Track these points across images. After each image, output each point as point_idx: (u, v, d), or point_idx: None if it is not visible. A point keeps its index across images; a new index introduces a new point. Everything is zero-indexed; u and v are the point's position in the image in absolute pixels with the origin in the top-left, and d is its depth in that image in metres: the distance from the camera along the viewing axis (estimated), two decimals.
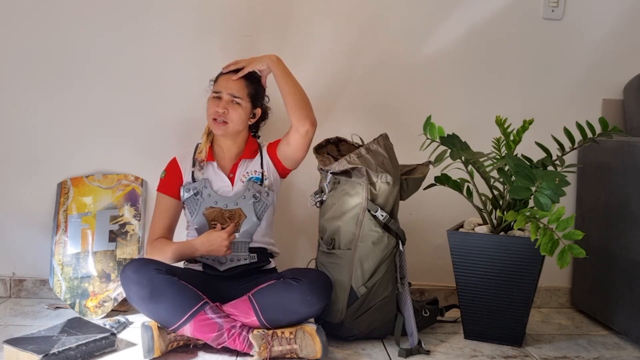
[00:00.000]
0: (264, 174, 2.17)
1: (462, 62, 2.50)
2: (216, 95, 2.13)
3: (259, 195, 2.13)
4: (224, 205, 2.12)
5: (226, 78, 2.14)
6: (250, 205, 2.12)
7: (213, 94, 2.15)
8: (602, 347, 2.13)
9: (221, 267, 2.11)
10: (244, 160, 2.18)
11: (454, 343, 2.13)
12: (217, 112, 2.11)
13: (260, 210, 2.14)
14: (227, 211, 2.12)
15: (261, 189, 2.14)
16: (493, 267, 2.09)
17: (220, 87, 2.14)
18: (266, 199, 2.15)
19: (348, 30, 2.47)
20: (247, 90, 2.14)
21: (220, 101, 2.12)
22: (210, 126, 2.15)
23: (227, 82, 2.13)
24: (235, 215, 2.12)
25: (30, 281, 2.49)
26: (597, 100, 2.54)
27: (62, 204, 2.43)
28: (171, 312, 1.90)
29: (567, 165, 2.11)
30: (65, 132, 2.46)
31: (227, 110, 2.10)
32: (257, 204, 2.13)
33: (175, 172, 2.18)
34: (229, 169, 2.18)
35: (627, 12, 2.52)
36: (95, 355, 1.92)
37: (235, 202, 2.12)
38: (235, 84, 2.13)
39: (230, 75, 2.14)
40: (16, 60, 2.44)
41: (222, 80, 2.15)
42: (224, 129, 2.11)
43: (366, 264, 2.03)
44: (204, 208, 2.12)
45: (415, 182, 2.14)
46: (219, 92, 2.13)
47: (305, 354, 1.92)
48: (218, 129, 2.12)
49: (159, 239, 2.14)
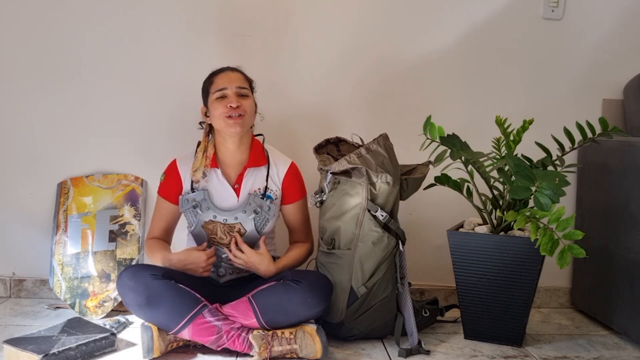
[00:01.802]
0: (274, 193, 2.13)
1: (462, 62, 2.50)
2: (220, 93, 2.05)
3: (259, 210, 2.09)
4: (223, 219, 2.08)
5: (226, 74, 2.08)
6: (251, 220, 2.08)
7: (216, 94, 2.05)
8: (602, 347, 2.13)
9: (221, 279, 2.10)
10: (250, 169, 2.11)
11: (454, 343, 2.13)
12: (230, 107, 2.02)
13: (260, 224, 2.10)
14: (226, 225, 2.09)
15: (263, 203, 2.09)
16: (493, 267, 2.08)
17: (223, 84, 2.06)
18: (267, 212, 2.10)
19: (348, 30, 2.47)
20: (248, 81, 2.11)
21: (227, 98, 2.04)
22: (224, 127, 2.04)
23: (228, 76, 2.07)
24: (234, 229, 2.08)
25: (30, 281, 2.49)
26: (597, 100, 2.54)
27: (62, 204, 2.43)
28: (169, 317, 1.89)
29: (567, 165, 2.12)
30: (65, 132, 2.46)
31: (240, 103, 2.03)
32: (257, 218, 2.09)
33: (174, 177, 2.14)
34: (234, 179, 2.12)
35: (627, 12, 2.52)
36: (95, 355, 1.92)
37: (235, 216, 2.08)
38: (236, 76, 2.08)
39: (228, 71, 2.10)
40: (16, 60, 2.44)
41: (222, 77, 2.08)
42: (241, 123, 2.02)
43: (366, 264, 2.03)
44: (203, 221, 2.09)
45: (415, 182, 2.14)
46: (223, 88, 2.05)
47: (306, 354, 1.92)
48: (235, 125, 2.02)
49: (155, 239, 2.15)
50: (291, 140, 2.44)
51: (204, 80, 2.13)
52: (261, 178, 2.13)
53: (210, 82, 2.09)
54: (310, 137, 2.36)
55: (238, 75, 2.10)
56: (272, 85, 2.43)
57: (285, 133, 2.45)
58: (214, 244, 2.09)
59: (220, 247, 2.09)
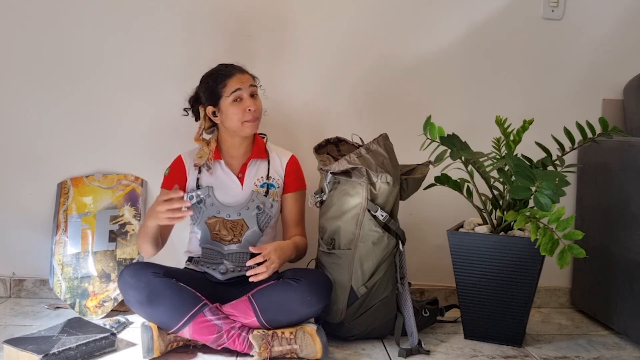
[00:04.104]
0: (276, 181, 2.15)
1: (462, 62, 2.50)
2: (235, 95, 2.05)
3: (262, 206, 2.11)
4: (227, 215, 2.09)
5: (238, 77, 2.07)
6: (253, 217, 2.10)
7: (231, 96, 2.05)
8: (602, 347, 2.13)
9: (222, 277, 2.09)
10: (253, 160, 2.15)
11: (454, 343, 2.13)
12: (249, 112, 2.05)
13: (263, 222, 2.11)
14: (229, 221, 2.10)
15: (265, 201, 2.11)
16: (493, 267, 2.09)
17: (237, 85, 2.06)
18: (270, 210, 2.12)
19: (348, 30, 2.47)
20: (254, 78, 2.13)
21: (243, 101, 2.06)
22: (239, 129, 2.06)
23: (240, 78, 2.07)
24: (237, 225, 2.10)
25: (30, 281, 2.49)
26: (597, 100, 2.54)
27: (62, 204, 2.43)
28: (169, 315, 1.89)
29: (567, 165, 2.12)
30: (66, 132, 2.46)
31: (256, 106, 2.08)
32: (260, 215, 2.11)
33: (179, 170, 2.16)
34: (238, 169, 2.15)
35: (627, 12, 2.52)
36: (95, 355, 1.92)
37: (238, 212, 2.09)
38: (246, 76, 2.09)
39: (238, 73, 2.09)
40: (16, 60, 2.44)
41: (235, 79, 2.07)
42: (257, 125, 2.10)
43: (366, 264, 2.03)
44: (206, 217, 2.10)
45: (415, 182, 2.14)
46: (238, 89, 2.06)
47: (306, 354, 1.92)
48: (252, 127, 2.07)
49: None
50: (291, 140, 2.44)
51: (208, 80, 2.12)
52: (264, 168, 2.17)
53: (224, 84, 2.07)
54: (309, 137, 2.37)
55: (247, 75, 2.12)
56: (272, 85, 2.42)
57: (284, 133, 2.45)
58: (217, 241, 2.10)
59: (224, 243, 2.09)
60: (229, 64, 2.14)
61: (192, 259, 2.16)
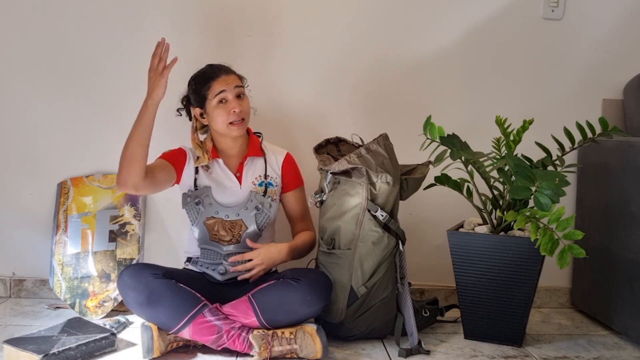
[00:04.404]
0: (274, 180, 2.16)
1: (462, 62, 2.50)
2: (220, 97, 2.05)
3: (261, 206, 2.11)
4: (225, 215, 2.09)
5: (223, 78, 2.06)
6: (252, 217, 2.10)
7: (215, 98, 2.04)
8: (602, 347, 2.13)
9: (222, 277, 2.09)
10: (250, 158, 2.16)
11: (454, 343, 2.13)
12: (233, 113, 2.04)
13: (262, 222, 2.11)
14: (227, 222, 2.10)
15: (264, 201, 2.11)
16: (493, 267, 2.09)
17: (221, 86, 2.05)
18: (268, 210, 2.12)
19: (348, 30, 2.47)
20: (241, 79, 2.12)
21: (228, 103, 2.05)
22: (226, 131, 2.06)
23: (226, 80, 2.06)
24: (235, 226, 2.10)
25: (30, 281, 2.49)
26: (597, 100, 2.54)
27: (62, 204, 2.43)
28: (169, 316, 1.89)
29: (567, 165, 2.12)
30: (65, 132, 2.46)
31: (241, 107, 2.06)
32: (259, 215, 2.11)
33: (181, 153, 2.14)
34: (236, 167, 2.15)
35: (627, 12, 2.52)
36: (95, 355, 1.92)
37: (237, 213, 2.09)
38: (232, 77, 2.08)
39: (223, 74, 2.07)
40: (16, 60, 2.44)
41: (220, 81, 2.06)
42: (244, 126, 2.09)
43: (366, 264, 2.03)
44: (205, 217, 2.10)
45: (415, 182, 2.14)
46: (223, 91, 2.05)
47: (306, 354, 1.92)
48: (238, 129, 2.06)
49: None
50: (290, 140, 2.44)
51: (195, 81, 2.11)
52: (261, 166, 2.17)
53: (208, 86, 2.07)
54: (309, 138, 2.36)
55: (233, 76, 2.10)
56: (271, 85, 2.43)
57: (283, 133, 2.45)
58: (216, 242, 2.10)
59: (222, 244, 2.09)
60: (215, 65, 2.13)
61: (191, 259, 2.16)
